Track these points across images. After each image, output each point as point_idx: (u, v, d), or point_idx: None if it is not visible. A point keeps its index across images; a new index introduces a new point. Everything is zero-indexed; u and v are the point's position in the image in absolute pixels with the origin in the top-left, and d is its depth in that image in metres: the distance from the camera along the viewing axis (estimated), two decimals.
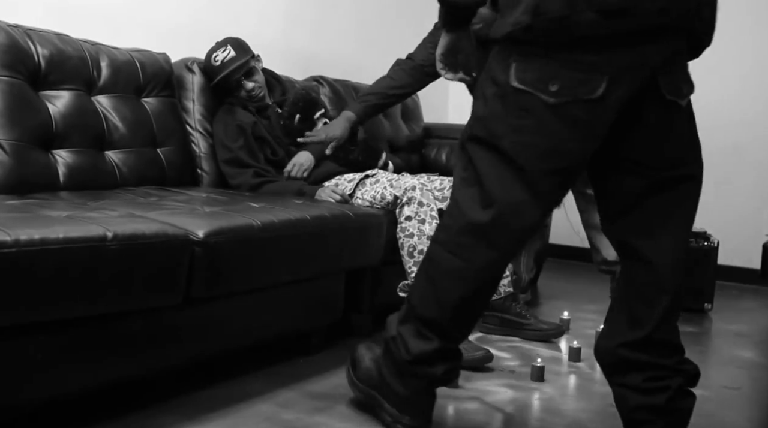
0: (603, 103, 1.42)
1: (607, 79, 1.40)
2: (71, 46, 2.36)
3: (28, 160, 2.12)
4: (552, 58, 1.43)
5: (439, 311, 1.61)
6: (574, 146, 1.47)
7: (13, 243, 1.38)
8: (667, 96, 1.45)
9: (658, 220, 1.54)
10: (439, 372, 1.65)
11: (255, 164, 2.70)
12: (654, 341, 1.56)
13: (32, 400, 1.56)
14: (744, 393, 2.21)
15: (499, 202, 1.51)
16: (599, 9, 1.36)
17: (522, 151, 1.48)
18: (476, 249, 1.55)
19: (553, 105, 1.43)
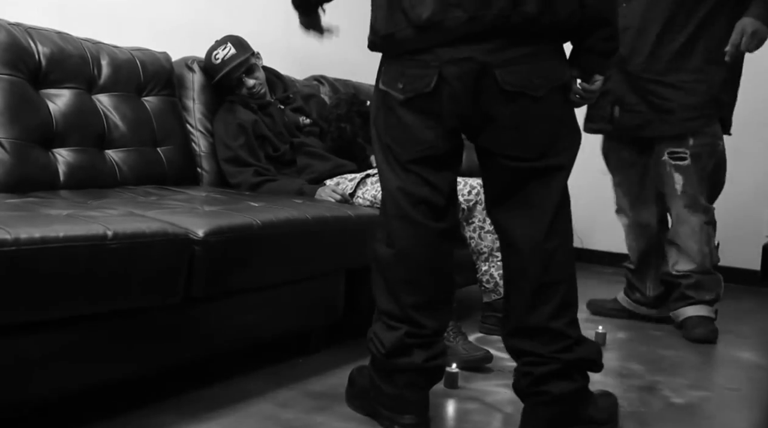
0: (438, 94, 1.60)
1: (437, 73, 1.58)
2: (72, 44, 2.36)
3: (28, 158, 2.12)
4: (398, 60, 1.66)
5: (395, 300, 1.72)
6: (429, 134, 1.65)
7: (14, 242, 1.38)
8: (505, 87, 1.57)
9: (524, 207, 1.68)
10: (419, 360, 1.71)
11: (255, 163, 2.70)
12: (526, 328, 1.69)
13: (32, 399, 1.55)
14: (744, 395, 2.21)
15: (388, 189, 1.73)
16: (415, 25, 1.58)
17: (392, 143, 1.70)
18: (397, 230, 1.71)
19: (402, 101, 1.65)
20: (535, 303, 1.67)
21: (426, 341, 1.73)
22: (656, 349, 2.66)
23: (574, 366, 1.69)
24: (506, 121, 1.61)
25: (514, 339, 1.73)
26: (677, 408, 2.06)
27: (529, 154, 1.65)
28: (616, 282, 3.95)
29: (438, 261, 1.75)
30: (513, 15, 1.54)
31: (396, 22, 1.61)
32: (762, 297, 3.79)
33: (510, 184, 1.68)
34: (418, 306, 1.72)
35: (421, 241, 1.71)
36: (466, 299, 3.04)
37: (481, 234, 2.62)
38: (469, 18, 1.54)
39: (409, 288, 1.72)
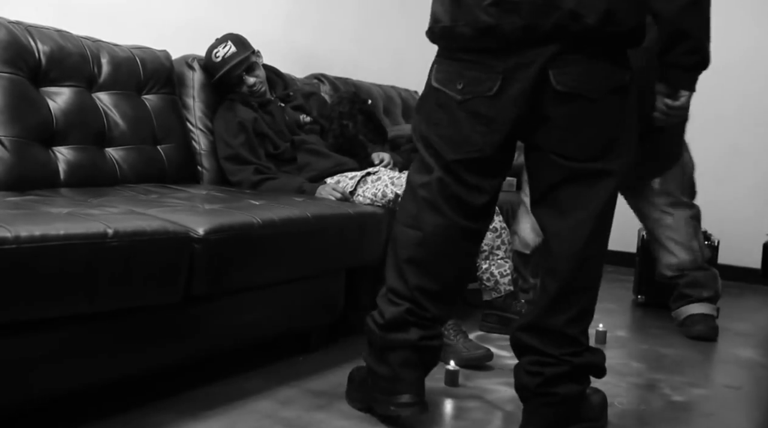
0: (499, 99, 1.61)
1: (500, 78, 1.59)
2: (72, 42, 2.36)
3: (28, 156, 2.12)
4: (458, 59, 1.66)
5: (402, 280, 1.76)
6: (479, 138, 1.66)
7: (14, 240, 1.38)
8: (560, 88, 1.58)
9: (565, 210, 1.67)
10: (414, 337, 1.74)
11: (255, 161, 2.70)
12: (541, 328, 1.70)
13: (32, 397, 1.56)
14: (744, 393, 2.21)
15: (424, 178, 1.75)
16: (472, 26, 1.60)
17: (438, 141, 1.70)
18: (428, 217, 1.73)
19: (459, 101, 1.65)
20: (557, 307, 1.68)
21: (425, 322, 1.75)
22: (656, 347, 2.66)
23: (582, 369, 1.71)
24: (561, 120, 1.61)
25: (525, 334, 1.72)
26: (677, 406, 2.06)
27: (581, 155, 1.64)
28: (615, 280, 3.95)
29: (457, 257, 1.78)
30: (572, 25, 1.54)
31: (456, 16, 1.62)
32: (763, 295, 3.80)
33: (557, 183, 1.67)
34: (425, 290, 1.74)
35: (447, 233, 1.74)
36: (466, 297, 3.04)
37: None
38: (526, 25, 1.55)
39: (420, 271, 1.74)
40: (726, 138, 4.05)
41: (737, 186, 4.05)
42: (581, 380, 1.73)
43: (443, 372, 2.10)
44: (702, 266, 2.86)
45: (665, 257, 2.88)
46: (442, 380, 2.10)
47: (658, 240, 2.89)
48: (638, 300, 3.41)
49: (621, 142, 1.66)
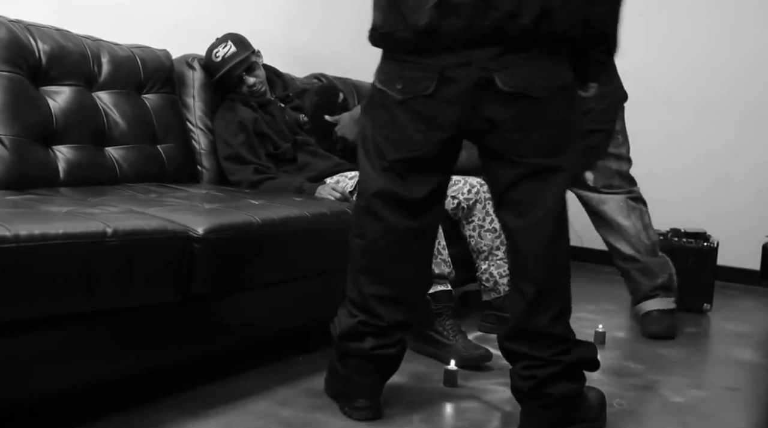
0: (436, 98, 1.63)
1: (437, 77, 1.61)
2: (72, 41, 2.36)
3: (28, 155, 2.12)
4: (398, 60, 1.68)
5: (357, 289, 1.80)
6: (420, 137, 1.68)
7: (13, 239, 1.38)
8: (505, 89, 1.59)
9: (524, 210, 1.68)
10: (366, 347, 1.78)
11: (255, 161, 2.70)
12: (527, 332, 1.70)
13: (31, 396, 1.56)
14: (743, 394, 2.21)
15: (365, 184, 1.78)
16: (412, 29, 1.61)
17: (383, 142, 1.72)
18: (367, 223, 1.77)
19: (399, 101, 1.67)
20: (537, 309, 1.68)
21: (380, 331, 1.79)
22: (655, 348, 2.66)
23: (574, 367, 1.71)
24: (509, 122, 1.63)
25: (511, 342, 1.74)
26: (676, 407, 2.06)
27: (532, 154, 1.65)
28: (614, 281, 3.95)
29: (405, 259, 1.79)
30: (508, 25, 1.56)
31: (395, 21, 1.64)
32: (761, 296, 3.79)
33: (513, 184, 1.69)
34: (379, 297, 1.78)
35: (390, 238, 1.76)
36: (465, 298, 3.04)
37: (480, 233, 2.62)
38: (466, 26, 1.57)
39: (371, 278, 1.78)
40: (726, 139, 4.05)
41: (737, 187, 4.05)
42: (575, 377, 1.73)
43: (442, 372, 2.11)
44: (652, 251, 2.84)
45: (616, 241, 2.85)
46: (441, 380, 2.10)
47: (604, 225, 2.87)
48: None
49: (568, 140, 1.69)
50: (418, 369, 2.21)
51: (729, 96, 4.01)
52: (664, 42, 4.16)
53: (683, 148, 4.14)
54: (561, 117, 1.67)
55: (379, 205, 1.74)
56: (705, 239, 3.35)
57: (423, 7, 1.58)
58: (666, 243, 3.33)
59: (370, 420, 1.80)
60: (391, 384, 1.94)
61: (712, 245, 3.31)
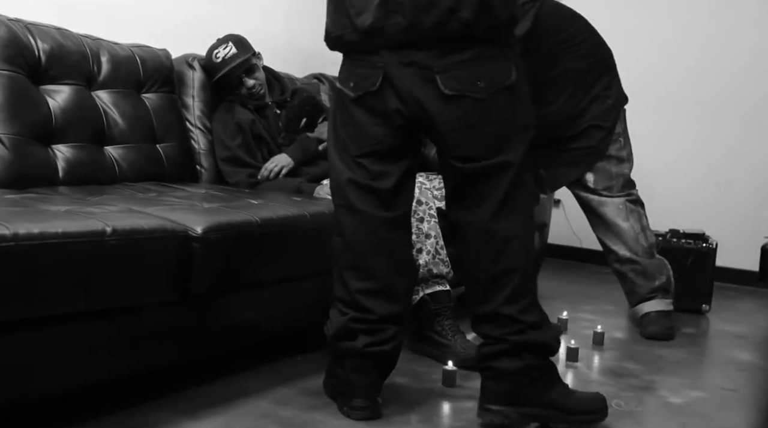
0: (383, 93, 1.69)
1: (382, 73, 1.68)
2: (72, 40, 2.36)
3: (27, 154, 2.12)
4: (350, 60, 1.76)
5: (343, 287, 1.83)
6: (378, 130, 1.74)
7: (12, 238, 1.38)
8: (446, 91, 1.64)
9: (473, 203, 1.74)
10: (360, 345, 1.80)
11: (253, 163, 2.70)
12: (482, 315, 1.78)
13: (29, 395, 1.56)
14: (741, 395, 2.22)
15: (337, 181, 1.82)
16: (360, 31, 1.67)
17: (346, 138, 1.78)
18: (344, 220, 1.81)
19: (353, 99, 1.74)
20: (488, 293, 1.74)
21: (371, 327, 1.80)
22: (654, 349, 2.67)
23: (523, 347, 1.74)
24: (451, 124, 1.68)
25: (476, 326, 1.81)
26: (674, 407, 2.06)
27: (476, 155, 1.71)
28: (613, 282, 3.95)
29: (385, 249, 1.82)
30: (450, 21, 1.61)
31: (343, 25, 1.71)
32: (760, 297, 3.80)
33: (460, 183, 1.76)
34: (366, 291, 1.80)
35: (366, 230, 1.80)
36: (463, 298, 3.04)
37: None
38: (409, 24, 1.62)
39: (355, 274, 1.81)
40: (725, 140, 4.05)
41: (736, 188, 4.05)
42: (523, 356, 1.74)
43: (441, 372, 2.11)
44: (650, 252, 2.83)
45: (613, 242, 2.83)
46: (440, 380, 2.10)
47: (601, 227, 2.86)
48: None
49: (510, 136, 1.72)
50: (416, 369, 2.21)
51: (728, 97, 4.02)
52: (664, 42, 4.17)
53: (682, 149, 4.15)
54: (503, 116, 1.70)
55: (353, 197, 1.78)
56: (704, 240, 3.35)
57: (369, 7, 1.64)
58: (665, 244, 3.34)
59: (368, 419, 1.80)
60: (390, 383, 1.94)
61: (711, 246, 3.32)
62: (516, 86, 1.71)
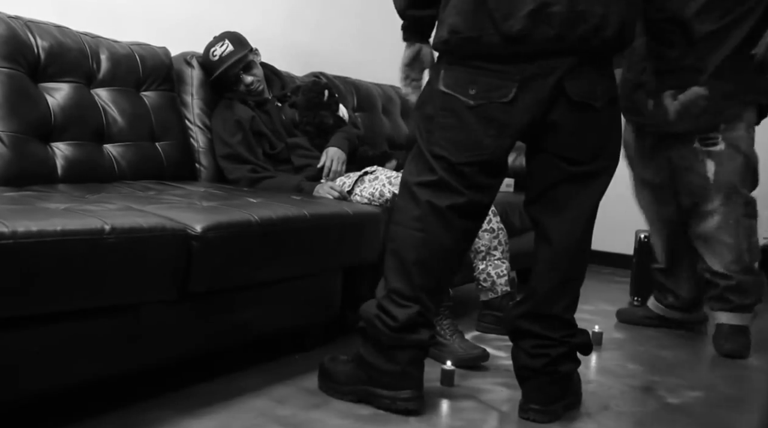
0: (514, 105, 1.70)
1: (516, 86, 1.69)
2: (71, 38, 2.36)
3: (26, 152, 2.12)
4: (471, 66, 1.73)
5: (407, 280, 1.82)
6: (490, 142, 1.74)
7: (11, 235, 1.37)
8: (574, 98, 1.71)
9: (563, 208, 1.82)
10: (425, 337, 1.84)
11: (253, 160, 2.70)
12: (542, 315, 1.84)
13: (28, 393, 1.55)
14: (740, 396, 2.22)
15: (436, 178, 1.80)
16: (503, 34, 1.65)
17: (444, 144, 1.77)
18: (431, 220, 1.80)
19: (471, 106, 1.72)
20: (558, 295, 1.84)
21: (429, 321, 1.86)
22: (653, 349, 2.67)
23: (576, 348, 1.90)
24: (569, 127, 1.74)
25: (524, 321, 1.86)
26: (673, 408, 2.06)
27: (582, 158, 1.78)
28: (612, 282, 3.96)
29: (456, 255, 1.88)
30: (594, 38, 1.67)
31: (482, 26, 1.68)
32: None
33: (556, 183, 1.80)
34: (426, 288, 1.83)
35: (451, 235, 1.82)
36: (463, 297, 3.04)
37: (478, 233, 2.62)
38: (556, 35, 1.65)
39: (423, 271, 1.82)
40: None
41: None
42: (575, 358, 1.91)
43: (439, 372, 2.11)
44: (750, 269, 2.66)
45: (709, 255, 2.67)
46: (438, 380, 2.10)
47: (702, 235, 2.69)
48: (635, 302, 3.41)
49: (612, 146, 1.85)
50: None
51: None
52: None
53: None
54: (611, 125, 1.82)
55: (445, 202, 1.79)
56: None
57: (517, 14, 1.64)
58: None
59: (416, 412, 1.84)
60: None
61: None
62: (617, 99, 1.84)
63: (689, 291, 2.87)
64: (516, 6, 1.64)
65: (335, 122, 2.91)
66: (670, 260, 2.89)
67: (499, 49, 1.68)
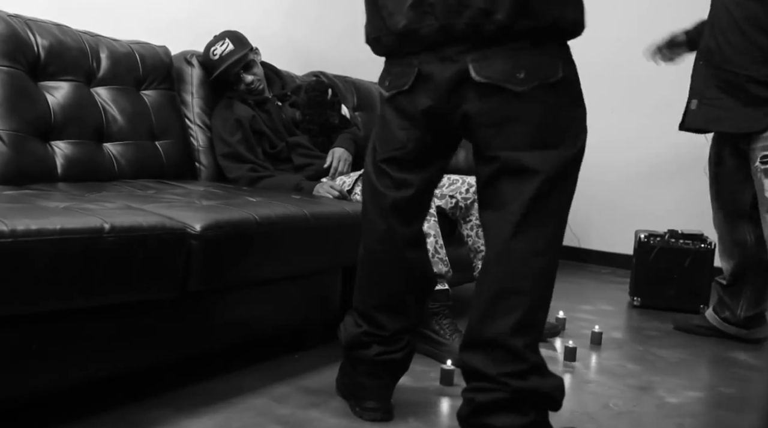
0: (414, 92, 1.62)
1: (416, 71, 1.60)
2: (71, 37, 2.35)
3: (26, 150, 2.12)
4: (389, 61, 1.71)
5: (361, 298, 1.81)
6: (403, 135, 1.68)
7: (10, 234, 1.37)
8: (478, 79, 1.51)
9: (499, 205, 1.57)
10: (372, 354, 1.79)
11: (253, 159, 2.70)
12: (480, 341, 1.54)
13: (28, 392, 1.55)
14: (739, 395, 2.22)
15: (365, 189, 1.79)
16: (394, 33, 1.61)
17: (376, 141, 1.75)
18: (366, 231, 1.78)
19: (387, 98, 1.69)
20: (492, 313, 1.52)
21: (384, 340, 1.79)
22: (652, 349, 2.67)
23: (525, 396, 1.51)
24: (484, 118, 1.54)
25: (467, 353, 1.58)
26: (671, 407, 2.06)
27: (507, 150, 1.54)
28: (611, 282, 3.96)
29: (403, 265, 1.77)
30: (485, 23, 1.49)
31: (378, 27, 1.66)
32: None
33: (489, 179, 1.59)
34: (380, 307, 1.78)
35: (386, 245, 1.75)
36: (462, 297, 3.04)
37: (478, 233, 2.62)
38: (441, 26, 1.53)
39: (373, 288, 1.79)
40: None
41: None
42: (526, 410, 1.50)
43: (439, 371, 2.11)
44: None
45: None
46: (438, 379, 2.10)
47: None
48: (634, 302, 3.41)
49: (552, 141, 1.54)
50: (414, 368, 2.21)
51: None
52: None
53: (680, 149, 4.15)
54: (544, 115, 1.53)
55: (375, 208, 1.75)
56: (702, 240, 3.36)
57: (401, 9, 1.58)
58: (663, 245, 3.34)
59: (380, 421, 1.80)
60: None
61: (709, 246, 3.32)
62: (564, 86, 1.55)
63: (747, 311, 2.86)
64: (399, 2, 1.58)
65: (341, 122, 2.92)
66: (734, 278, 2.86)
67: (394, 46, 1.64)
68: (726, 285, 2.88)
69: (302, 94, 2.89)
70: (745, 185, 2.72)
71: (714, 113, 2.60)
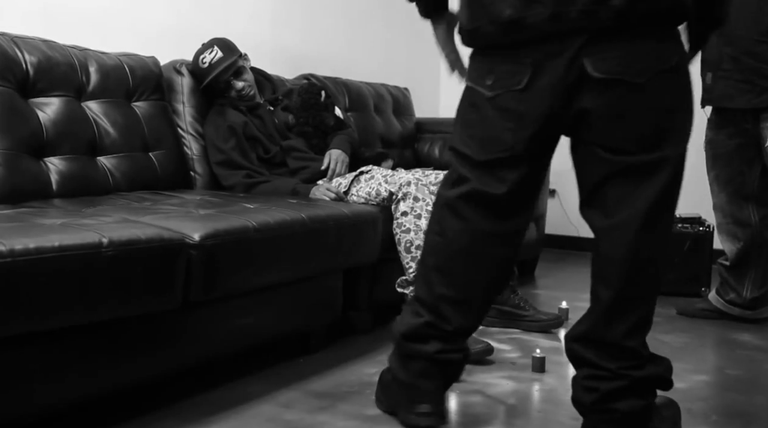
0: (529, 91, 1.52)
1: (531, 70, 1.50)
2: (59, 52, 2.35)
3: (19, 168, 2.11)
4: (488, 55, 1.59)
5: (427, 288, 1.70)
6: (509, 136, 1.57)
7: (8, 253, 1.37)
8: (596, 75, 1.46)
9: (613, 209, 1.55)
10: (432, 350, 1.68)
11: (248, 165, 2.70)
12: (596, 340, 1.59)
13: (32, 410, 1.55)
14: (743, 376, 2.22)
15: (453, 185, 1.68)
16: (496, 23, 1.51)
17: (470, 143, 1.63)
18: (447, 221, 1.67)
19: (489, 97, 1.57)
20: (612, 317, 1.56)
21: (445, 335, 1.69)
22: (657, 335, 2.66)
23: (644, 383, 1.60)
24: (602, 110, 1.49)
25: (578, 345, 1.62)
26: (679, 392, 2.06)
27: (629, 146, 1.51)
28: None
29: (485, 262, 1.68)
30: (600, 9, 1.42)
31: (478, 17, 1.54)
32: None
33: (604, 179, 1.55)
34: (449, 298, 1.67)
35: (469, 237, 1.66)
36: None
37: None
38: (551, 14, 1.44)
39: (446, 278, 1.67)
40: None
41: None
42: (645, 394, 1.61)
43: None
44: None
45: None
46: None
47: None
48: None
49: (675, 130, 1.53)
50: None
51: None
52: None
53: None
54: (665, 104, 1.50)
55: (463, 204, 1.64)
56: (700, 223, 3.36)
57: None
58: None
59: (435, 427, 1.70)
60: None
61: (708, 229, 3.32)
62: (678, 71, 1.52)
63: (752, 291, 2.85)
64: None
65: (336, 123, 2.92)
66: (738, 259, 2.85)
67: (497, 38, 1.52)
68: (730, 266, 2.87)
69: (295, 97, 2.89)
70: (749, 166, 2.73)
71: (726, 89, 2.59)
